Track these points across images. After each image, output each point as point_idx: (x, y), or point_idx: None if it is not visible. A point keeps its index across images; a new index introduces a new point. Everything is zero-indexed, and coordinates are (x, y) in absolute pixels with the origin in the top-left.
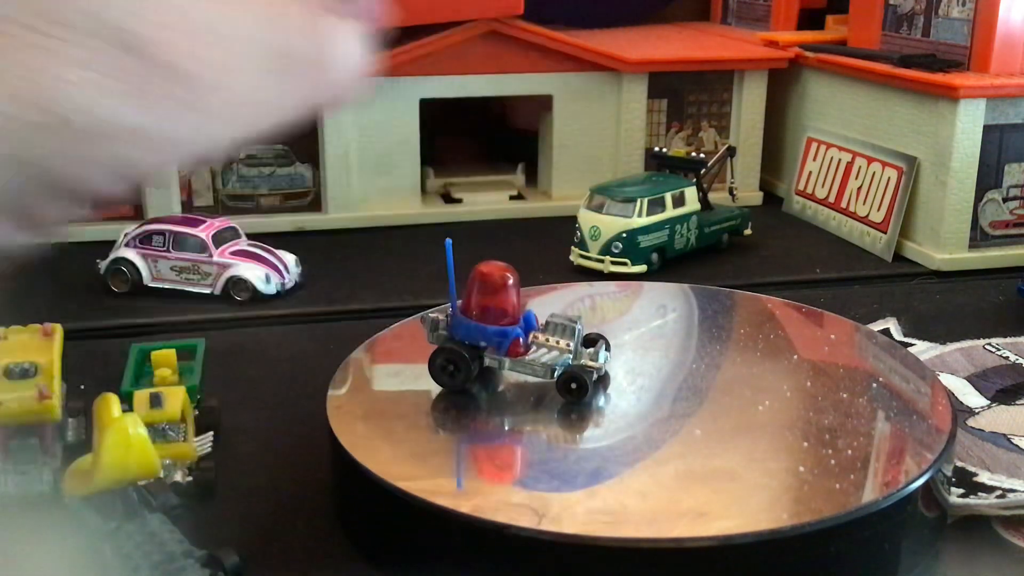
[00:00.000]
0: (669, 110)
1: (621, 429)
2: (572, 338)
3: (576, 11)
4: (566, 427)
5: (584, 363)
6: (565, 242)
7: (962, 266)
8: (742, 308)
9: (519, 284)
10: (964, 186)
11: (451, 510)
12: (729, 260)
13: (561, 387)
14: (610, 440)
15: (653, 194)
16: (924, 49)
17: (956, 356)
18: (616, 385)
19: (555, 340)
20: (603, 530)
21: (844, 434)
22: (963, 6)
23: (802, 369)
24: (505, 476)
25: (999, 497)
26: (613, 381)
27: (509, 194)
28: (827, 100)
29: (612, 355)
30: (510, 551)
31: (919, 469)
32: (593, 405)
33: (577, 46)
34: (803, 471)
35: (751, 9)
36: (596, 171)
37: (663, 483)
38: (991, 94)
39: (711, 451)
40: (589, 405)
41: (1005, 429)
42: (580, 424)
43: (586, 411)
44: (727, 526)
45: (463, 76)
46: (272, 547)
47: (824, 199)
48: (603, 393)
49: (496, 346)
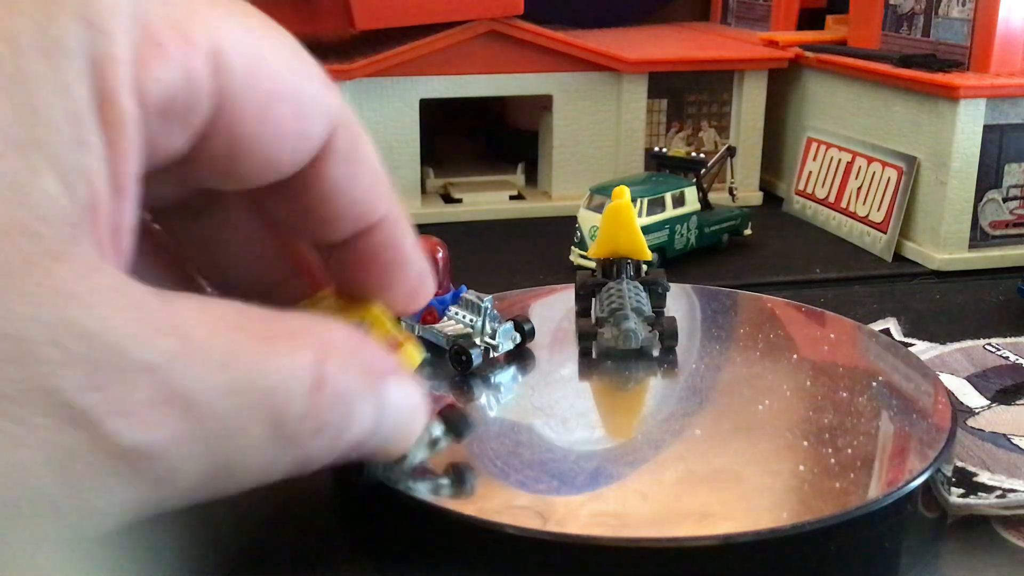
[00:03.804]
0: (669, 110)
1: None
2: (478, 314)
3: (576, 11)
4: (566, 427)
5: (477, 339)
6: (565, 242)
7: (962, 266)
8: (742, 308)
9: (449, 260)
10: (964, 186)
11: (452, 511)
12: (729, 260)
13: (451, 358)
14: (610, 441)
15: (653, 194)
16: (924, 49)
17: (956, 356)
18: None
19: (462, 315)
20: (605, 531)
21: (844, 433)
22: (963, 6)
23: (802, 369)
24: (506, 477)
25: (999, 497)
26: (612, 381)
27: (509, 194)
28: (827, 100)
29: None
30: (511, 552)
31: (919, 468)
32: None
33: (577, 46)
34: (803, 470)
35: (751, 9)
36: (596, 171)
37: (664, 484)
38: (991, 94)
39: (712, 451)
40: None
41: (1005, 429)
42: (580, 424)
43: (586, 411)
44: (729, 527)
45: (463, 76)
46: (272, 547)
47: (824, 199)
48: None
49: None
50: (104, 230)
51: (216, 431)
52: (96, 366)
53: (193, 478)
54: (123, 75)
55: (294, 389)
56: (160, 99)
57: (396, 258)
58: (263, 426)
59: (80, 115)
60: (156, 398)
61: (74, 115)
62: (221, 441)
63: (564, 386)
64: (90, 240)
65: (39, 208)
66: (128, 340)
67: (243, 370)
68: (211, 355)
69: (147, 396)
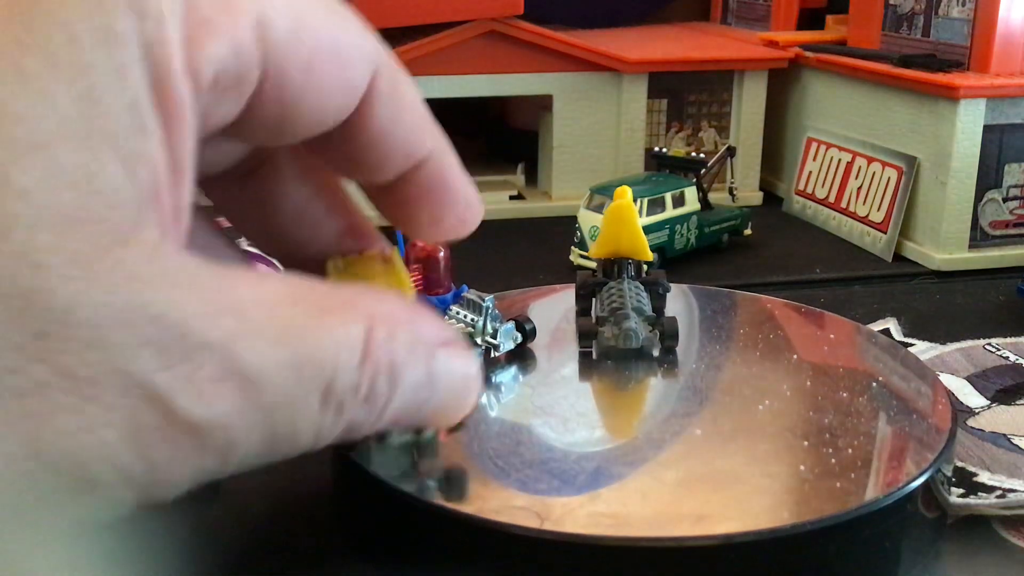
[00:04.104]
0: (669, 110)
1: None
2: (479, 314)
3: (576, 11)
4: (567, 427)
5: (478, 339)
6: (565, 242)
7: (962, 266)
8: (742, 308)
9: (449, 260)
10: (964, 186)
11: (452, 511)
12: (729, 260)
13: None
14: (610, 440)
15: (653, 194)
16: (924, 49)
17: (956, 356)
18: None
19: (463, 314)
20: (604, 531)
21: (844, 434)
22: (963, 6)
23: (802, 369)
24: (506, 476)
25: (999, 497)
26: (612, 381)
27: (509, 194)
28: (827, 100)
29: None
30: (511, 552)
31: (919, 469)
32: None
33: (577, 46)
34: (803, 471)
35: (751, 9)
36: (596, 171)
37: (664, 484)
38: (991, 94)
39: (712, 451)
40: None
41: (1005, 429)
42: (580, 424)
43: (586, 411)
44: (729, 527)
45: (463, 76)
46: (272, 547)
47: (824, 199)
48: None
49: None
50: (165, 211)
51: (273, 403)
52: (165, 347)
53: (251, 447)
54: (175, 57)
55: (345, 361)
56: (212, 75)
57: (446, 189)
58: (315, 396)
59: (138, 101)
60: (219, 374)
61: (132, 101)
62: (277, 412)
63: (564, 386)
64: (153, 222)
65: (106, 196)
66: (193, 320)
67: (297, 345)
68: (267, 332)
69: (211, 373)
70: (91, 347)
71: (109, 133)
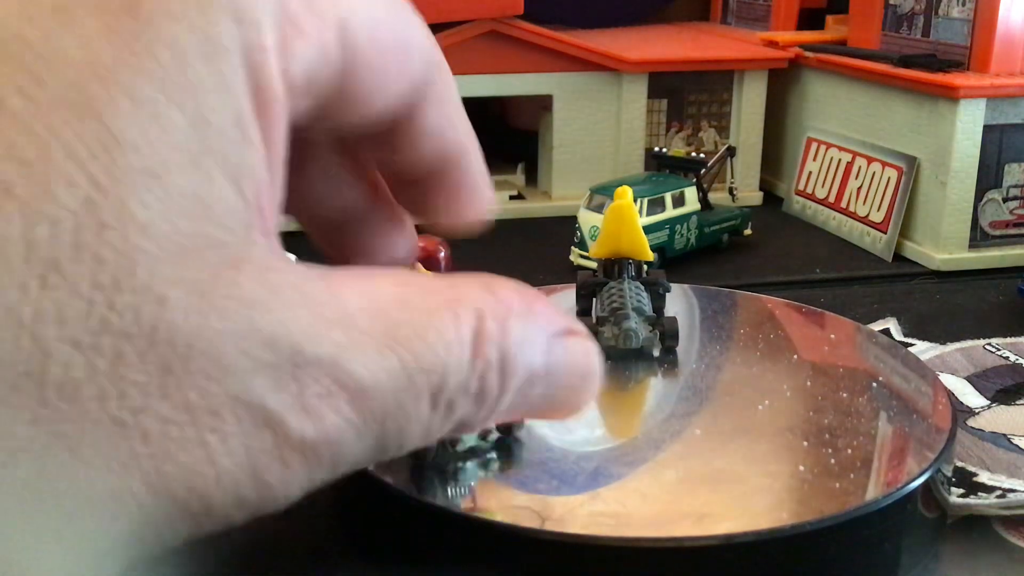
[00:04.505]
0: (669, 110)
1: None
2: None
3: (576, 11)
4: (566, 427)
5: None
6: (565, 242)
7: (962, 266)
8: (742, 308)
9: (450, 260)
10: (964, 186)
11: (452, 511)
12: (729, 260)
13: None
14: (610, 440)
15: (653, 194)
16: (924, 49)
17: (956, 356)
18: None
19: None
20: (604, 531)
21: (844, 434)
22: (963, 6)
23: (802, 369)
24: (506, 476)
25: (999, 497)
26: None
27: (509, 194)
28: (827, 100)
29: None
30: (511, 551)
31: (919, 469)
32: None
33: (577, 46)
34: (803, 471)
35: (751, 9)
36: (596, 171)
37: (664, 484)
38: (991, 94)
39: (712, 451)
40: None
41: (1005, 429)
42: (580, 424)
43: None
44: (729, 527)
45: (463, 76)
46: (272, 547)
47: (824, 199)
48: None
49: None
50: (268, 221)
51: (384, 412)
52: (279, 368)
53: (361, 455)
54: (273, 62)
55: (455, 361)
56: (302, 79)
57: (471, 188)
58: (425, 400)
59: (242, 113)
60: (329, 390)
61: (237, 114)
62: (388, 420)
63: None
64: (259, 235)
65: (220, 217)
66: (303, 338)
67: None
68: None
69: (322, 389)
70: (211, 378)
71: (219, 151)
